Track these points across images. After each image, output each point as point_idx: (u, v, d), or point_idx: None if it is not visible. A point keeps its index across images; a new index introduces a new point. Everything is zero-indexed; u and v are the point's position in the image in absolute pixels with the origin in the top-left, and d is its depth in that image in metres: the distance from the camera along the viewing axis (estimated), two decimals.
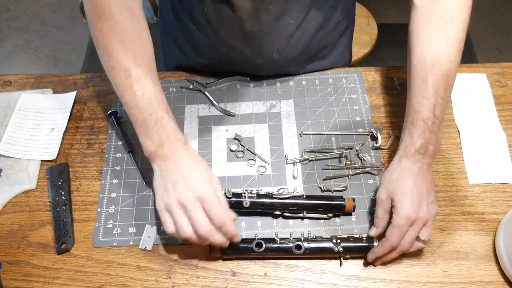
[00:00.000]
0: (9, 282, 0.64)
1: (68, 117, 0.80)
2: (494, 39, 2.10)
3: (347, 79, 0.85)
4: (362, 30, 1.44)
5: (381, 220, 0.63)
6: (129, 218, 0.70)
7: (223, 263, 0.66)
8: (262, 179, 0.73)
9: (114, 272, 0.65)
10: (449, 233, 0.68)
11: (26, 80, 0.86)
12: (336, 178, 0.73)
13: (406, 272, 0.65)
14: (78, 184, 0.73)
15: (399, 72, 0.86)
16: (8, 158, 0.76)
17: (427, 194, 0.62)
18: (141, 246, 0.67)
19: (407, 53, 0.69)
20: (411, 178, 0.62)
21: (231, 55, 0.80)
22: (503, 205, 0.70)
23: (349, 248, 0.64)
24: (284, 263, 0.66)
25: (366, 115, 0.80)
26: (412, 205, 0.60)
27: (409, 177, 0.62)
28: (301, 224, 0.69)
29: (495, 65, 0.87)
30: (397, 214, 0.61)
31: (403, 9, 2.22)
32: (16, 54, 2.10)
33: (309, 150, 0.76)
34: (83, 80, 0.86)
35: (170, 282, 0.64)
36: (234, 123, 0.80)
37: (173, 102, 0.82)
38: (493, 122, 0.79)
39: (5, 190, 0.72)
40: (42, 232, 0.69)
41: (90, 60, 2.07)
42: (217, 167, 0.75)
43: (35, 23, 2.20)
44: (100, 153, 0.77)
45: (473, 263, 0.65)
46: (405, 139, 0.65)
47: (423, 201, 0.61)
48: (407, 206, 0.60)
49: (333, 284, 0.64)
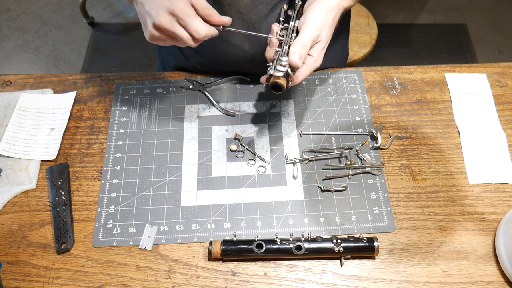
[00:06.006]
0: (9, 282, 0.64)
1: (68, 117, 0.80)
2: (494, 39, 2.10)
3: (347, 79, 0.85)
4: (362, 30, 1.44)
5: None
6: (129, 218, 0.70)
7: (223, 263, 0.66)
8: (262, 179, 0.73)
9: (114, 272, 0.65)
10: (449, 233, 0.68)
11: (26, 80, 0.86)
12: (336, 178, 0.73)
13: (406, 272, 0.65)
14: (78, 184, 0.73)
15: (399, 72, 0.86)
16: (8, 158, 0.76)
17: (328, 29, 0.66)
18: (141, 246, 0.67)
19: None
20: (324, 8, 0.65)
21: (230, 52, 0.80)
22: (503, 205, 0.70)
23: (350, 248, 0.64)
24: (284, 263, 0.66)
25: (366, 115, 0.80)
26: (316, 29, 0.64)
27: (322, 6, 0.65)
28: (301, 224, 0.69)
29: (495, 65, 0.87)
30: (302, 32, 0.64)
31: (403, 9, 2.22)
32: (16, 54, 2.09)
33: (309, 150, 0.76)
34: (83, 80, 0.86)
35: (170, 282, 0.64)
36: (234, 123, 0.80)
37: (173, 102, 0.82)
38: (493, 122, 0.79)
39: (5, 190, 0.72)
40: (42, 232, 0.69)
41: (90, 60, 2.07)
42: (217, 167, 0.75)
43: (35, 23, 2.20)
44: (100, 153, 0.77)
45: (473, 263, 0.65)
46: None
47: (324, 31, 0.65)
48: (313, 27, 0.63)
49: (333, 284, 0.64)
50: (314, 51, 0.66)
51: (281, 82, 0.62)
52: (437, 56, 2.04)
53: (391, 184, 0.72)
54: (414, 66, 0.87)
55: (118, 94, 0.84)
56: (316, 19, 0.64)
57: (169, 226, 0.69)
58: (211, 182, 0.73)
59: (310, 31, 0.64)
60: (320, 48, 0.66)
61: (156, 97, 0.83)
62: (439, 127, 0.79)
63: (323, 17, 0.65)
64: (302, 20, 0.65)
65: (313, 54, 0.66)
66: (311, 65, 0.66)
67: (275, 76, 0.62)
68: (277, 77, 0.62)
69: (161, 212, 0.70)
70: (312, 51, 0.66)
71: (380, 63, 2.00)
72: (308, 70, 0.66)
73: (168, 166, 0.75)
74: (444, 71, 0.86)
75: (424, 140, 0.77)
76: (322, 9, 0.65)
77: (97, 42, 2.13)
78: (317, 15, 0.65)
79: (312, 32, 0.64)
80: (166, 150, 0.77)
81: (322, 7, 0.65)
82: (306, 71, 0.66)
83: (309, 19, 0.64)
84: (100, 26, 2.20)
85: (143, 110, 0.82)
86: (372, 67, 0.87)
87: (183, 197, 0.72)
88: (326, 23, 0.65)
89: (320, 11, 0.65)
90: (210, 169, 0.75)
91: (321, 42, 0.66)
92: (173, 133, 0.79)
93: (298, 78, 0.65)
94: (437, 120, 0.80)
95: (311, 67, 0.67)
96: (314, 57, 0.66)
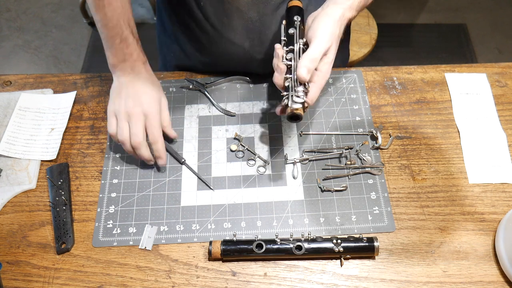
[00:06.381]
0: (9, 282, 0.64)
1: (68, 117, 0.80)
2: (494, 39, 2.10)
3: (347, 79, 0.85)
4: (362, 30, 1.44)
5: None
6: (129, 218, 0.70)
7: (223, 263, 0.66)
8: (262, 179, 0.73)
9: (114, 272, 0.65)
10: (449, 233, 0.68)
11: (26, 80, 0.86)
12: (336, 178, 0.73)
13: (406, 272, 0.65)
14: (78, 184, 0.73)
15: (399, 72, 0.86)
16: (8, 158, 0.76)
17: (336, 41, 0.65)
18: (141, 246, 0.67)
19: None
20: (332, 20, 0.64)
21: (231, 50, 0.80)
22: (503, 205, 0.70)
23: (350, 248, 0.64)
24: (284, 263, 0.66)
25: (366, 115, 0.80)
26: (327, 41, 0.63)
27: (330, 19, 0.64)
28: (301, 224, 0.69)
29: (495, 65, 0.87)
30: (312, 45, 0.63)
31: (403, 9, 2.22)
32: (16, 54, 2.10)
33: (309, 150, 0.76)
34: (83, 80, 0.86)
35: (170, 282, 0.64)
36: (234, 123, 0.80)
37: (173, 102, 0.82)
38: (493, 122, 0.79)
39: (5, 190, 0.72)
40: (42, 232, 0.69)
41: (90, 60, 2.07)
42: (217, 167, 0.75)
43: (35, 23, 2.20)
44: (100, 153, 0.77)
45: (473, 263, 0.65)
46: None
47: (334, 43, 0.64)
48: (324, 40, 0.62)
49: (333, 284, 0.64)
50: (323, 65, 0.64)
51: (300, 112, 0.61)
52: (437, 56, 2.04)
53: (391, 184, 0.72)
54: (414, 66, 0.87)
55: None
56: (326, 32, 0.63)
57: (169, 226, 0.69)
58: (211, 182, 0.73)
59: (320, 44, 0.62)
60: (328, 62, 0.65)
61: None
62: (439, 127, 0.79)
63: (332, 28, 0.63)
64: (312, 33, 0.64)
65: (322, 69, 0.64)
66: (320, 82, 0.65)
67: (293, 108, 0.61)
68: (295, 109, 0.61)
69: (161, 212, 0.70)
70: (321, 65, 0.64)
71: (380, 63, 2.00)
72: (319, 88, 0.65)
73: (168, 166, 0.75)
74: (444, 71, 0.86)
75: (424, 140, 0.77)
76: (330, 21, 0.64)
77: (97, 42, 2.13)
78: (326, 27, 0.63)
79: (323, 44, 0.62)
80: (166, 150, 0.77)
81: (330, 19, 0.64)
82: (317, 90, 0.64)
83: (319, 32, 0.63)
84: None
85: None
86: (372, 67, 0.87)
87: (183, 197, 0.72)
88: (334, 34, 0.64)
89: (328, 23, 0.63)
90: (210, 169, 0.75)
91: (329, 55, 0.64)
92: None
93: (311, 100, 0.64)
94: (437, 120, 0.80)
95: (322, 83, 0.65)
96: (323, 72, 0.64)
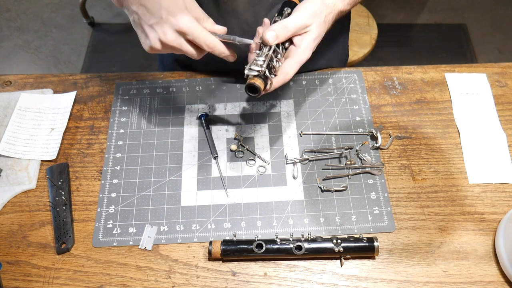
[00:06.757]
0: (9, 282, 0.64)
1: (68, 117, 0.80)
2: (494, 39, 2.10)
3: (347, 79, 0.85)
4: (362, 30, 1.44)
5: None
6: (129, 218, 0.70)
7: (223, 263, 0.66)
8: (262, 179, 0.73)
9: (114, 272, 0.65)
10: (449, 233, 0.68)
11: (26, 80, 0.86)
12: (336, 178, 0.73)
13: (406, 272, 0.65)
14: (78, 184, 0.73)
15: (399, 72, 0.86)
16: (8, 158, 0.76)
17: (320, 22, 0.63)
18: (141, 246, 0.67)
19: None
20: (319, 1, 0.63)
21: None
22: (503, 205, 0.70)
23: (350, 248, 0.64)
24: (284, 263, 0.66)
25: (366, 115, 0.80)
26: (307, 17, 0.61)
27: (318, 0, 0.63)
28: (301, 224, 0.69)
29: (495, 65, 0.87)
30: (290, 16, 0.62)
31: (403, 9, 2.22)
32: (16, 54, 2.10)
33: (309, 150, 0.76)
34: (83, 80, 0.86)
35: (170, 282, 0.64)
36: (234, 123, 0.80)
37: (173, 102, 0.82)
38: (493, 122, 0.79)
39: (5, 190, 0.72)
40: (42, 232, 0.69)
41: (90, 60, 2.07)
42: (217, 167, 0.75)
43: (35, 23, 2.20)
44: (100, 153, 0.77)
45: (473, 263, 0.65)
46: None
47: (315, 22, 0.62)
48: (303, 14, 0.61)
49: (333, 284, 0.64)
50: (302, 40, 0.62)
51: (257, 83, 0.59)
52: (437, 56, 2.05)
53: (391, 184, 0.72)
54: (414, 66, 0.87)
55: (118, 94, 0.84)
56: (309, 8, 0.61)
57: (169, 226, 0.69)
58: (211, 182, 0.73)
59: (299, 17, 0.61)
60: (309, 39, 0.62)
61: (156, 97, 0.83)
62: (439, 127, 0.79)
63: (318, 8, 0.62)
64: (295, 10, 0.63)
65: (301, 44, 0.62)
66: (299, 57, 0.62)
67: (250, 76, 0.59)
68: (252, 78, 0.59)
69: (161, 212, 0.70)
70: (300, 40, 0.62)
71: (380, 63, 2.00)
72: (297, 62, 0.62)
73: (168, 166, 0.75)
74: (444, 71, 0.86)
75: (424, 140, 0.77)
76: (317, 1, 0.63)
77: (97, 42, 2.14)
78: (311, 5, 0.62)
79: (302, 18, 0.61)
80: (166, 150, 0.77)
81: (317, 0, 0.63)
82: (294, 64, 0.62)
83: (302, 7, 0.62)
84: (100, 26, 2.20)
85: (143, 110, 0.82)
86: (372, 67, 0.87)
87: (183, 197, 0.72)
88: (318, 15, 0.62)
89: (315, 2, 0.62)
90: (210, 169, 0.75)
91: (310, 33, 0.62)
92: (173, 133, 0.79)
93: (286, 73, 0.61)
94: (437, 120, 0.80)
95: (301, 58, 0.62)
96: (302, 48, 0.62)
